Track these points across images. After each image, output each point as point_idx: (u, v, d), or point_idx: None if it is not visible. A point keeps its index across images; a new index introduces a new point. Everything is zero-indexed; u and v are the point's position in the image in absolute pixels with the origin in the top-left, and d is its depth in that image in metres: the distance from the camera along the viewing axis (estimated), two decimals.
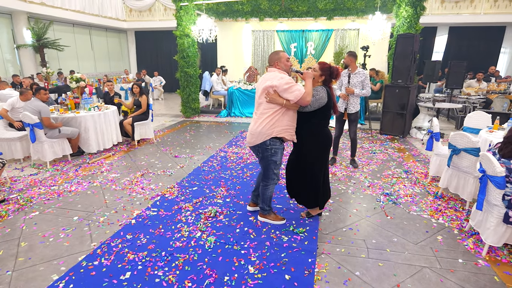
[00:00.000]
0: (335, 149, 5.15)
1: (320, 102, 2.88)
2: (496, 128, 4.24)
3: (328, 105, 2.97)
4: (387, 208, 3.64)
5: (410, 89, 6.57)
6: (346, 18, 10.55)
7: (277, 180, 3.15)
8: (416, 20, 7.02)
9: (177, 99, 12.66)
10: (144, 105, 6.18)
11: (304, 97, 2.76)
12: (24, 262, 2.68)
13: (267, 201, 3.21)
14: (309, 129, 3.02)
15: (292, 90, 2.76)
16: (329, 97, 2.97)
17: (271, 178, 3.08)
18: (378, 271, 2.56)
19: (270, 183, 3.11)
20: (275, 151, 2.96)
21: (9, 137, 5.12)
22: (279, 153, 3.00)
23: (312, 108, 2.89)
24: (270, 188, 3.14)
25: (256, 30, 11.84)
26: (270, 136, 2.88)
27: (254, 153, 3.14)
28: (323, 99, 2.89)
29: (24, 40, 10.32)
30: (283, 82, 2.78)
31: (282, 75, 2.87)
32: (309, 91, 2.81)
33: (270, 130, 2.87)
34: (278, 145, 2.95)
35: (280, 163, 3.07)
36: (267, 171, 3.07)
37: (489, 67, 10.56)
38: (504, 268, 2.60)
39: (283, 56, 2.93)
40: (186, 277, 2.46)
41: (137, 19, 14.49)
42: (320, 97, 2.88)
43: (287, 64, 2.95)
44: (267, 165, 3.03)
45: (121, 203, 3.75)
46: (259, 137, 2.91)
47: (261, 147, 2.95)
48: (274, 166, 3.03)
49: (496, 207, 2.67)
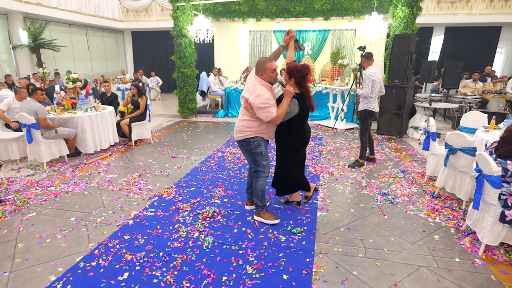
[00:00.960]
0: (372, 149, 5.17)
1: (290, 115, 3.02)
2: (492, 128, 4.27)
3: (302, 112, 3.08)
4: (384, 207, 3.66)
5: (407, 89, 6.60)
6: (343, 19, 10.57)
7: (268, 172, 3.22)
8: (413, 20, 7.05)
9: (174, 99, 12.66)
10: (142, 106, 6.16)
11: (273, 120, 2.91)
12: (21, 263, 2.66)
13: (259, 195, 3.24)
14: (287, 129, 3.16)
15: (265, 111, 2.88)
16: (303, 105, 3.04)
17: (260, 170, 3.18)
18: (375, 271, 2.57)
19: (261, 175, 3.19)
20: (258, 143, 3.09)
21: (6, 137, 5.09)
22: (263, 144, 3.13)
23: (283, 120, 3.03)
24: (261, 181, 3.20)
25: (253, 30, 11.84)
26: (249, 136, 3.07)
27: (239, 148, 3.27)
28: (293, 112, 3.01)
29: (20, 41, 10.27)
30: (259, 102, 2.88)
31: (261, 90, 2.94)
32: (281, 114, 2.92)
33: (248, 129, 3.06)
34: (259, 138, 3.10)
35: (266, 154, 3.18)
36: (255, 164, 3.18)
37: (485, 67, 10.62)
38: (501, 267, 2.62)
39: (269, 68, 2.97)
40: (184, 277, 2.46)
41: (134, 19, 14.46)
42: (290, 110, 2.99)
43: (271, 76, 3.00)
44: (254, 157, 3.15)
45: (118, 204, 3.74)
46: (241, 133, 3.10)
47: (244, 141, 3.12)
48: (261, 158, 3.14)
49: (492, 206, 2.69)
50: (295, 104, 3.00)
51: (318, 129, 7.67)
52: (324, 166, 5.02)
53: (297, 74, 3.00)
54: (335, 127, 7.71)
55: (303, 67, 2.99)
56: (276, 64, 3.04)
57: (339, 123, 7.78)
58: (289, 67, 3.06)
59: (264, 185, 3.23)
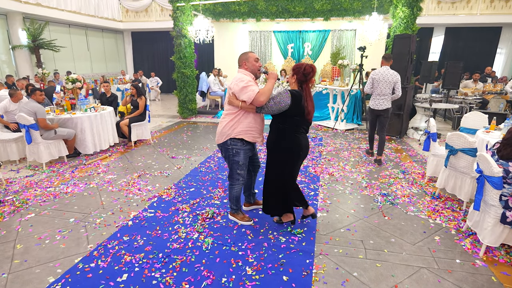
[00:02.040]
0: (371, 145, 5.53)
1: (280, 106, 2.74)
2: (493, 129, 4.26)
3: (296, 111, 2.80)
4: (385, 208, 3.65)
5: (407, 90, 6.59)
6: (343, 19, 10.57)
7: (242, 181, 3.15)
8: (413, 20, 7.04)
9: (174, 100, 12.65)
10: (141, 106, 6.15)
11: (257, 97, 2.71)
12: (20, 264, 2.65)
13: (233, 200, 3.23)
14: (279, 134, 2.90)
15: (246, 90, 2.74)
16: (297, 101, 2.77)
17: (235, 178, 3.11)
18: (376, 272, 2.55)
19: (235, 183, 3.13)
20: (236, 152, 2.97)
21: (5, 138, 5.08)
22: (242, 153, 2.99)
23: (272, 111, 2.80)
24: (235, 188, 3.16)
25: (253, 30, 11.83)
26: (230, 137, 2.93)
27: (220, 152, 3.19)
28: (284, 103, 2.73)
29: (20, 41, 10.25)
30: (240, 84, 2.77)
31: (242, 76, 2.84)
32: (264, 91, 2.73)
33: (229, 130, 2.92)
34: (239, 145, 2.95)
35: (243, 164, 3.05)
36: (231, 171, 3.11)
37: (485, 67, 10.61)
38: (502, 269, 2.61)
39: (251, 57, 2.91)
40: (183, 278, 2.45)
41: (134, 20, 14.45)
42: (279, 101, 2.73)
43: (255, 65, 2.91)
44: (231, 165, 3.07)
45: (117, 205, 3.73)
46: (220, 136, 2.98)
47: (223, 146, 3.01)
48: (237, 167, 3.04)
49: (493, 207, 2.68)
50: (287, 95, 2.73)
51: (318, 130, 7.66)
52: (324, 166, 5.00)
53: (299, 72, 2.84)
54: (335, 128, 7.70)
55: (307, 65, 2.83)
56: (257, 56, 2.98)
57: (339, 123, 7.77)
58: (296, 64, 2.90)
59: (238, 192, 3.19)
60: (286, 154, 2.93)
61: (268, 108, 2.79)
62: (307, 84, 2.85)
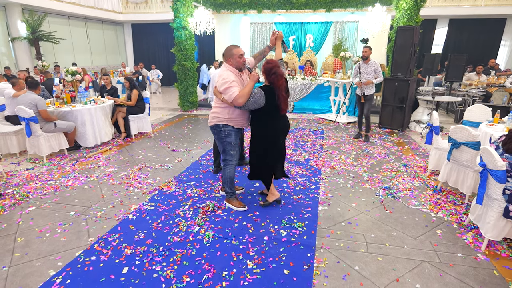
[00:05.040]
0: (359, 126, 6.26)
1: (255, 104, 2.98)
2: (497, 122, 4.21)
3: (268, 107, 3.03)
4: (386, 202, 3.63)
5: (410, 82, 6.52)
6: (345, 10, 10.43)
7: (236, 161, 3.33)
8: (416, 12, 6.95)
9: (174, 92, 12.58)
10: (133, 99, 6.05)
11: (235, 98, 2.90)
12: (20, 257, 2.65)
13: (227, 182, 3.36)
14: (258, 121, 3.18)
15: (227, 92, 2.93)
16: (270, 98, 3.00)
17: (228, 159, 3.29)
18: (377, 266, 2.54)
19: (228, 164, 3.30)
20: (228, 133, 3.18)
21: (5, 131, 5.06)
22: (233, 135, 3.19)
23: (249, 108, 3.02)
24: (229, 169, 3.31)
25: (254, 22, 11.71)
26: (219, 122, 3.15)
27: (212, 134, 3.37)
28: (259, 101, 2.97)
29: (19, 33, 10.18)
30: (222, 83, 2.97)
31: (226, 73, 3.01)
32: (243, 94, 2.91)
33: (220, 117, 3.14)
34: (230, 128, 3.16)
35: (235, 144, 3.25)
36: (224, 152, 3.30)
37: (489, 60, 10.50)
38: (504, 262, 2.59)
39: (236, 53, 3.05)
40: (184, 272, 2.44)
41: (134, 11, 14.32)
42: (255, 99, 2.96)
43: (239, 61, 3.06)
44: (223, 146, 3.26)
45: (118, 198, 3.72)
46: (212, 120, 3.20)
47: (215, 129, 3.22)
48: (230, 148, 3.24)
49: (496, 201, 2.65)
50: (261, 94, 2.97)
51: (320, 123, 7.62)
52: (326, 160, 4.98)
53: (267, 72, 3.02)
54: (336, 121, 7.66)
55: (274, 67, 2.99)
56: (243, 50, 3.10)
57: (341, 116, 7.72)
58: (266, 62, 3.06)
59: (232, 173, 3.33)
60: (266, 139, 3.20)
61: (245, 106, 2.99)
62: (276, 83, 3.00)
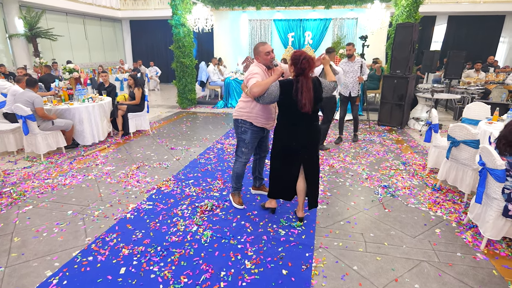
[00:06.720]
0: (340, 129, 5.84)
1: (270, 97, 2.80)
2: (496, 119, 4.20)
3: (286, 102, 2.79)
4: (385, 200, 3.62)
5: (409, 80, 6.50)
6: (344, 7, 10.37)
7: (246, 160, 3.32)
8: (416, 8, 6.92)
9: (173, 89, 12.53)
10: (138, 97, 6.05)
11: (252, 87, 2.86)
12: (17, 257, 2.63)
13: (234, 177, 3.41)
14: (277, 124, 3.01)
15: (249, 82, 2.95)
16: (287, 92, 2.75)
17: (239, 155, 3.32)
18: (376, 265, 2.53)
19: (238, 160, 3.33)
20: (245, 130, 3.19)
21: (2, 129, 5.02)
22: (249, 133, 3.19)
23: (263, 102, 2.89)
24: (237, 165, 3.33)
25: (253, 19, 11.65)
26: (240, 117, 3.17)
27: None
28: (272, 95, 2.78)
29: (16, 30, 10.10)
30: (247, 75, 3.02)
31: (253, 67, 3.06)
32: (259, 84, 2.81)
33: (242, 111, 3.17)
34: (248, 125, 3.17)
35: (249, 143, 3.23)
36: (237, 148, 3.34)
37: (487, 56, 10.49)
38: (503, 262, 2.59)
39: (262, 51, 3.05)
40: (182, 272, 2.43)
41: (132, 8, 14.23)
42: (270, 91, 2.77)
43: (266, 58, 3.05)
44: (238, 141, 3.31)
45: (116, 197, 3.70)
46: (234, 114, 3.26)
47: (235, 123, 3.26)
48: (243, 144, 3.25)
49: (495, 200, 2.64)
50: (276, 87, 2.77)
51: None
52: (324, 158, 4.96)
53: (296, 65, 2.73)
54: (335, 118, 7.63)
55: (305, 59, 2.70)
56: (270, 47, 3.09)
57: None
58: (294, 54, 2.79)
59: (239, 170, 3.34)
60: (275, 144, 3.00)
61: (261, 99, 2.86)
62: (304, 77, 2.73)
